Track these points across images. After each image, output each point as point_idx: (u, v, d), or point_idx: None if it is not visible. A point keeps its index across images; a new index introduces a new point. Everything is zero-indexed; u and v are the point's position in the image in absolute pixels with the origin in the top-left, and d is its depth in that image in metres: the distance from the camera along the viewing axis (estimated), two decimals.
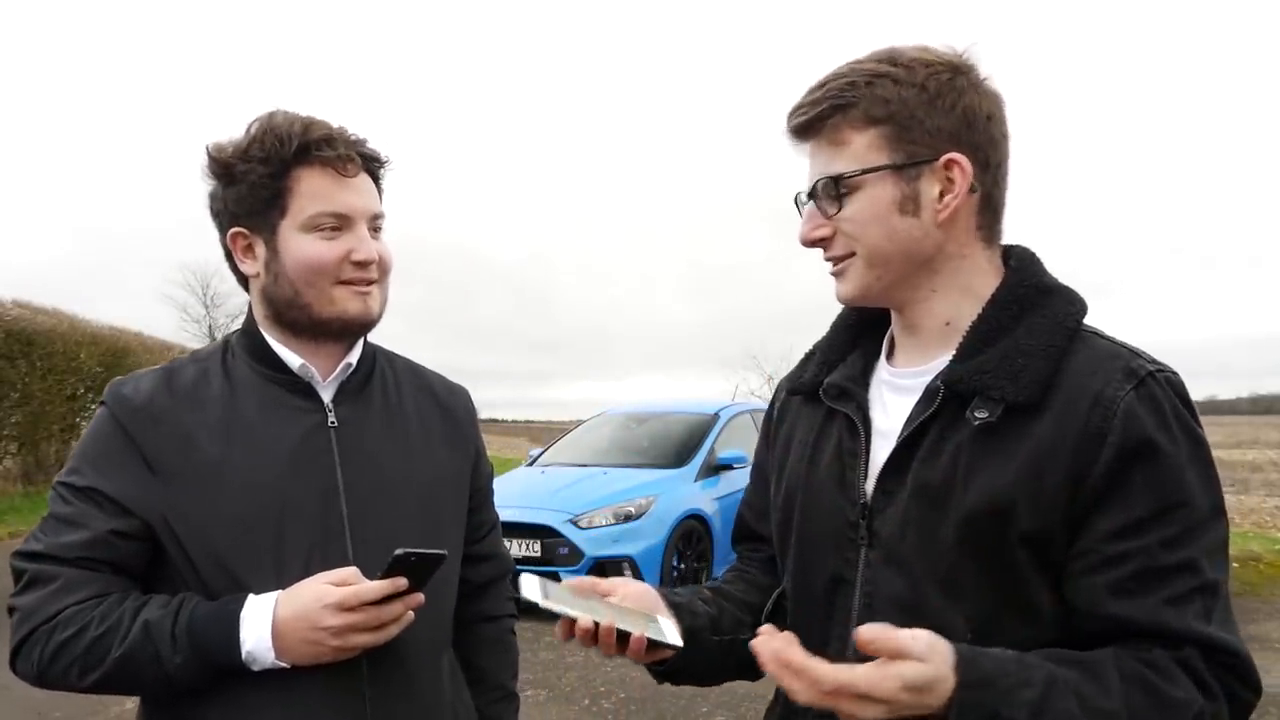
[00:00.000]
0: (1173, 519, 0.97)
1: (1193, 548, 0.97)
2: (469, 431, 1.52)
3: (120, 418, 1.28)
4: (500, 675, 1.56)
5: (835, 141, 1.07)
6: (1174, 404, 1.00)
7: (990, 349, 1.05)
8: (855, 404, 1.16)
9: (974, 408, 1.02)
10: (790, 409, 1.29)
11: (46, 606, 1.20)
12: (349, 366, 1.38)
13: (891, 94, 1.05)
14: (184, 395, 1.31)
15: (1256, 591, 7.97)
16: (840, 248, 1.10)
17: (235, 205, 1.31)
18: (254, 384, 1.33)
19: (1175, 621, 0.96)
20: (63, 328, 13.02)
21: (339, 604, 1.16)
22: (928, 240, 1.08)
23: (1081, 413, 0.99)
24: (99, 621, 1.19)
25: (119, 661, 1.17)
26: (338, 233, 1.30)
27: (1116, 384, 0.99)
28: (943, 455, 1.04)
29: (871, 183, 1.06)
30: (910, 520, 1.05)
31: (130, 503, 1.24)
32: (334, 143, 1.29)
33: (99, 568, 1.22)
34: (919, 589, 1.04)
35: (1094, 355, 1.03)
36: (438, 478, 1.42)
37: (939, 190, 1.06)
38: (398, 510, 1.34)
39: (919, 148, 1.05)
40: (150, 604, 1.21)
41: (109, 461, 1.26)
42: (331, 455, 1.32)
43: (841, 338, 1.26)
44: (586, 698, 5.00)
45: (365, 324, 1.35)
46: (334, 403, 1.36)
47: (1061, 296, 1.09)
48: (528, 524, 7.09)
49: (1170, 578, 0.96)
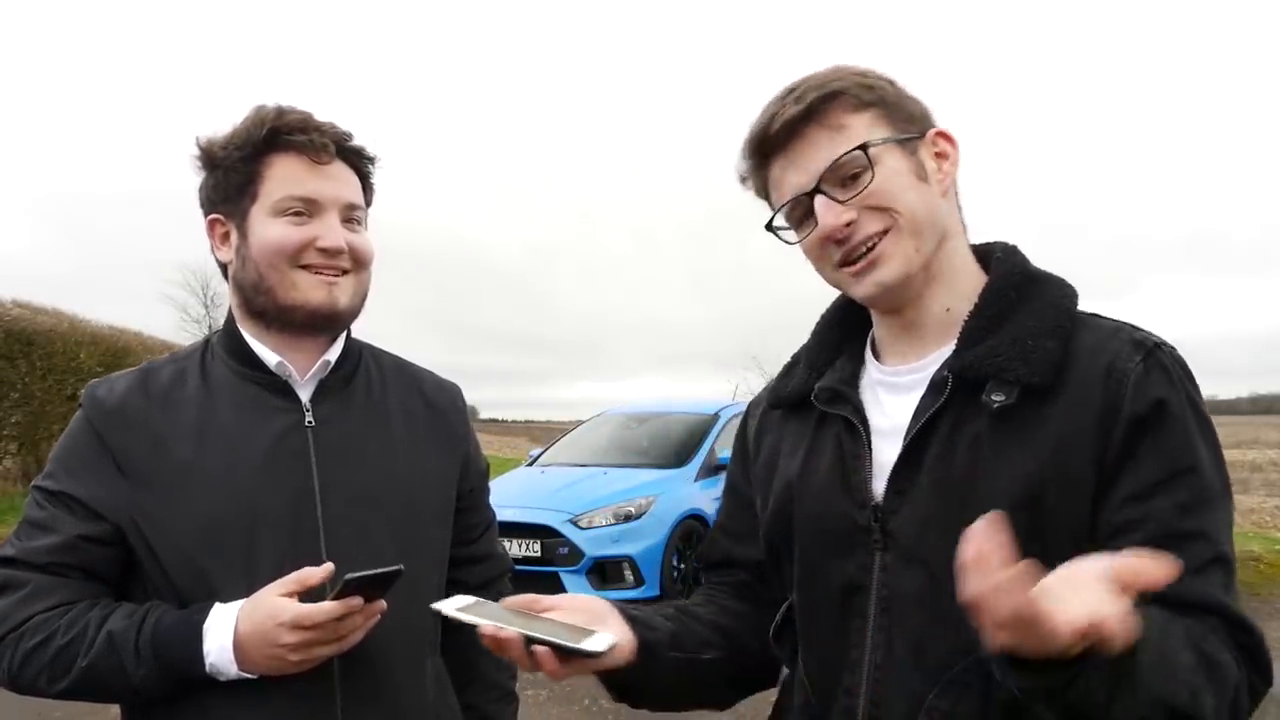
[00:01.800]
0: (1184, 484, 0.95)
1: (1206, 518, 0.95)
2: (458, 430, 1.48)
3: (93, 420, 1.27)
4: (498, 675, 1.54)
5: (835, 127, 1.06)
6: (1180, 374, 1.00)
7: (995, 335, 1.04)
8: (851, 406, 1.13)
9: (989, 391, 1.00)
10: (771, 424, 1.25)
11: (16, 613, 1.19)
12: (327, 364, 1.35)
13: (871, 81, 1.08)
14: (159, 396, 1.29)
15: (1256, 591, 7.96)
16: (874, 223, 1.05)
17: (213, 192, 1.32)
18: (231, 383, 1.31)
19: (1200, 590, 0.92)
20: (63, 328, 13.01)
21: (293, 623, 1.13)
22: (941, 212, 1.08)
23: (1097, 388, 0.98)
24: (65, 630, 1.17)
25: (84, 672, 1.16)
26: (305, 219, 1.27)
27: (1126, 355, 0.99)
28: (960, 447, 1.01)
29: (886, 154, 1.06)
30: (931, 518, 1.01)
31: (101, 507, 1.22)
32: (306, 128, 1.27)
33: (69, 573, 1.21)
34: (943, 588, 0.98)
35: (1099, 334, 1.03)
36: (420, 478, 1.39)
37: (934, 163, 1.09)
38: (376, 512, 1.31)
39: (908, 125, 1.08)
40: (116, 614, 1.20)
41: (81, 465, 1.25)
42: (308, 456, 1.29)
43: (825, 343, 1.23)
44: (586, 698, 5.00)
45: (330, 315, 1.30)
46: (312, 402, 1.33)
47: (1053, 283, 1.10)
48: (528, 524, 7.08)
49: (1188, 545, 0.92)
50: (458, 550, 1.48)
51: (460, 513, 1.47)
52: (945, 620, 0.98)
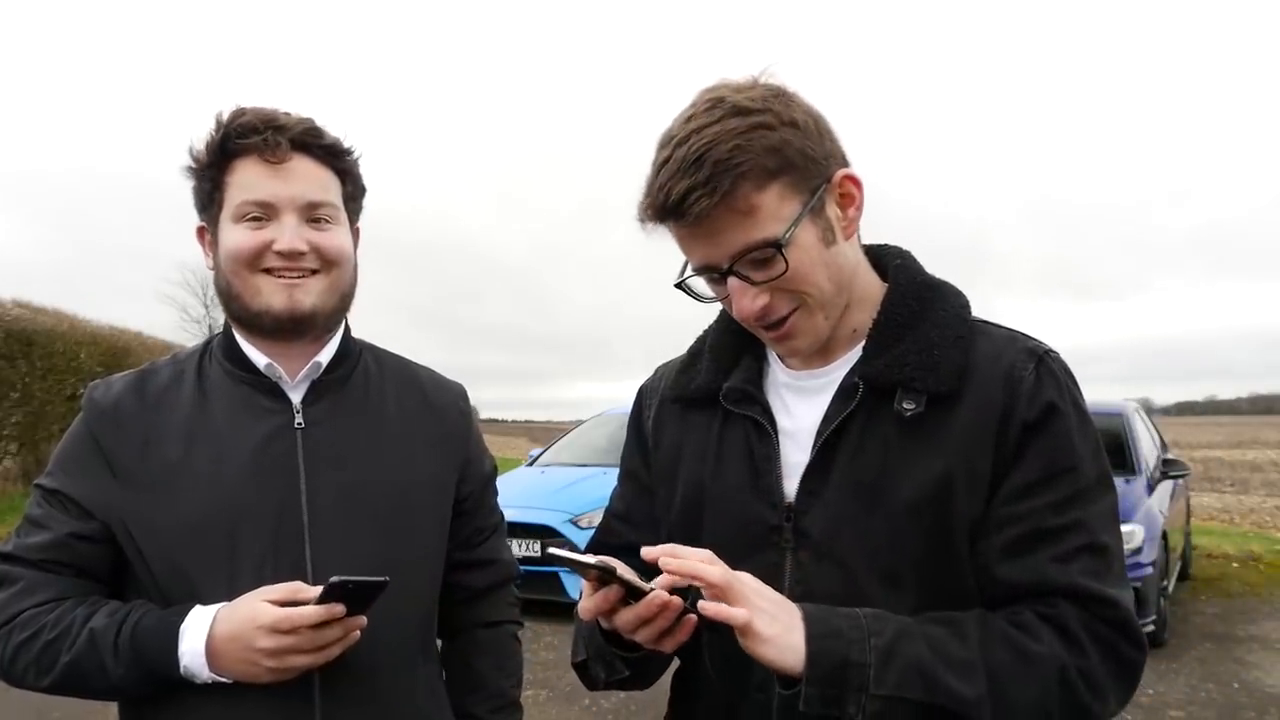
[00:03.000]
0: (1061, 482, 1.02)
1: (1081, 511, 1.02)
2: (457, 431, 1.45)
3: (89, 421, 1.28)
4: (500, 682, 1.49)
5: (743, 211, 1.01)
6: (1066, 380, 1.07)
7: (900, 344, 1.08)
8: (760, 407, 1.15)
9: (900, 400, 1.05)
10: (670, 416, 1.25)
11: (9, 607, 1.21)
12: (319, 365, 1.33)
13: (775, 140, 1.01)
14: (153, 398, 1.30)
15: (1256, 592, 7.96)
16: (785, 304, 1.07)
17: (194, 200, 1.33)
18: (224, 385, 1.31)
19: (1058, 576, 1.00)
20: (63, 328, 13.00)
21: (272, 626, 1.12)
22: (846, 262, 1.10)
23: (997, 393, 1.04)
24: (51, 626, 1.19)
25: (67, 668, 1.18)
26: (262, 222, 1.25)
27: (1021, 364, 1.06)
28: (870, 450, 1.06)
29: (799, 233, 1.03)
30: (845, 517, 1.06)
31: (91, 506, 1.24)
32: (259, 129, 1.24)
33: (61, 570, 1.23)
34: (858, 584, 1.05)
35: (994, 341, 1.09)
36: (415, 481, 1.36)
37: (839, 209, 1.08)
38: (365, 514, 1.29)
39: (813, 179, 1.05)
40: (100, 611, 1.20)
41: (76, 464, 1.27)
42: (295, 458, 1.28)
43: (729, 341, 1.22)
44: (586, 698, 4.99)
45: (297, 318, 1.27)
46: (304, 403, 1.32)
47: (950, 291, 1.15)
48: (528, 524, 7.08)
49: (1057, 537, 1.01)
50: (460, 554, 1.45)
51: (461, 516, 1.44)
52: None
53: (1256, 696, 5.14)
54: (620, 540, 1.29)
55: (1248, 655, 5.95)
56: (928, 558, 1.03)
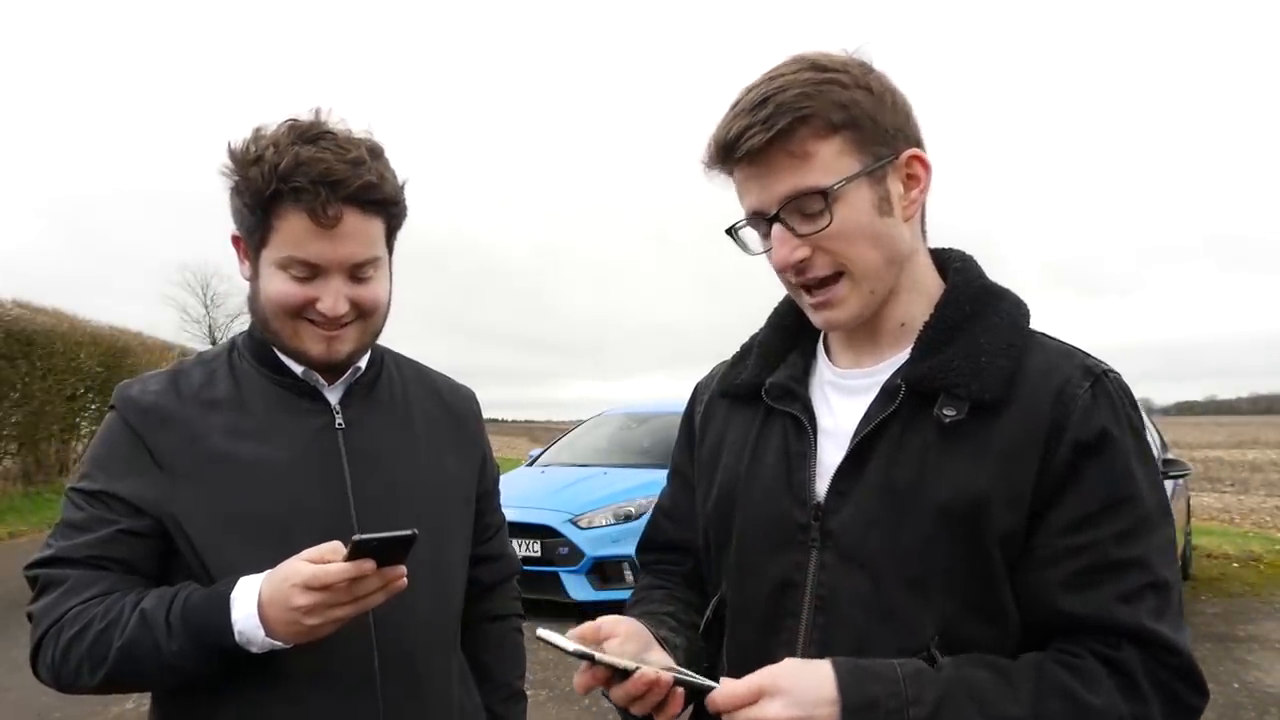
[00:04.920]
0: (1122, 513, 0.97)
1: (1143, 545, 0.97)
2: (475, 434, 1.53)
3: (129, 419, 1.28)
4: (508, 674, 1.57)
5: (800, 155, 1.01)
6: (1124, 403, 1.02)
7: (950, 347, 1.04)
8: (801, 404, 1.13)
9: (941, 405, 1.01)
10: (718, 412, 1.25)
11: (56, 608, 1.21)
12: (357, 370, 1.38)
13: (846, 98, 1.01)
14: (191, 396, 1.31)
15: (1256, 592, 7.96)
16: (824, 266, 1.05)
17: (235, 215, 1.31)
18: (261, 385, 1.34)
19: (1124, 617, 0.95)
20: (63, 328, 13.01)
21: (304, 583, 1.12)
22: (902, 241, 1.06)
23: (1045, 409, 0.99)
24: (101, 616, 1.19)
25: (121, 653, 1.17)
26: (307, 279, 1.26)
27: (1076, 381, 1.01)
28: (907, 455, 1.02)
29: (850, 191, 1.02)
30: (873, 520, 1.02)
31: (142, 503, 1.24)
32: (317, 190, 1.20)
33: (109, 566, 1.23)
34: (884, 589, 1.02)
35: (1049, 355, 1.04)
36: (444, 480, 1.43)
37: (903, 187, 1.06)
38: (405, 512, 1.33)
39: (880, 147, 1.03)
40: (150, 596, 1.21)
41: (119, 463, 1.26)
42: (339, 457, 1.32)
43: (779, 338, 1.22)
44: (587, 698, 4.99)
45: (331, 364, 1.32)
46: (341, 404, 1.36)
47: (1010, 299, 1.10)
48: (528, 524, 7.08)
49: (1122, 573, 0.96)
50: (474, 549, 1.50)
51: (477, 514, 1.51)
52: (890, 621, 1.00)
53: (1256, 696, 5.14)
54: (664, 537, 1.33)
55: (1248, 655, 5.95)
56: (957, 568, 0.99)
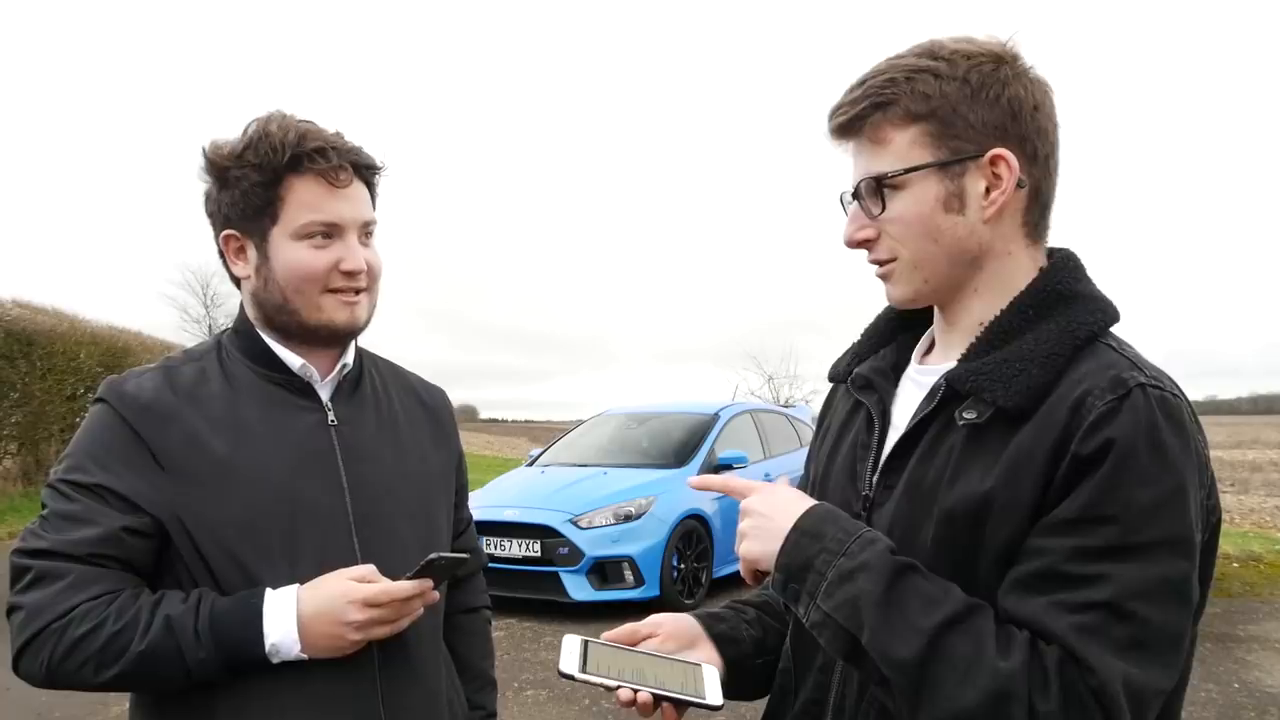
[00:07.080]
0: (1092, 532, 0.90)
1: (1110, 569, 0.89)
2: (450, 431, 1.59)
3: (126, 415, 1.27)
4: (482, 663, 1.63)
5: (876, 140, 1.05)
6: (1153, 420, 0.92)
7: (996, 352, 1.02)
8: (877, 396, 1.16)
9: (964, 408, 1.01)
10: (836, 398, 1.30)
11: (59, 603, 1.19)
12: (345, 366, 1.41)
13: (933, 89, 1.02)
14: (186, 394, 1.32)
15: (1256, 592, 7.96)
16: (884, 251, 1.08)
17: (229, 209, 1.32)
18: (253, 383, 1.35)
19: (1052, 623, 0.89)
20: (63, 328, 13.01)
21: (366, 600, 1.21)
22: (973, 239, 1.04)
23: (1060, 421, 0.94)
24: (116, 617, 1.19)
25: (140, 657, 1.18)
26: (328, 241, 1.31)
27: (1098, 393, 0.94)
28: (936, 455, 1.03)
29: (915, 181, 1.03)
30: (898, 517, 1.04)
31: (141, 500, 1.24)
32: (327, 153, 1.29)
33: (109, 564, 1.22)
34: None
35: (1095, 365, 0.97)
36: (429, 475, 1.48)
37: (985, 186, 1.02)
38: (399, 507, 1.38)
39: (963, 143, 1.02)
40: (167, 599, 1.22)
41: (116, 459, 1.26)
42: (334, 453, 1.35)
43: (881, 329, 1.25)
44: (587, 698, 4.99)
45: (352, 332, 1.38)
46: (331, 402, 1.39)
47: (1085, 305, 1.03)
48: (528, 524, 7.06)
49: (1068, 586, 0.90)
50: (452, 543, 1.55)
51: (454, 507, 1.57)
52: None
53: (1256, 696, 5.15)
54: None
55: (1248, 655, 5.95)
56: (960, 574, 0.97)
